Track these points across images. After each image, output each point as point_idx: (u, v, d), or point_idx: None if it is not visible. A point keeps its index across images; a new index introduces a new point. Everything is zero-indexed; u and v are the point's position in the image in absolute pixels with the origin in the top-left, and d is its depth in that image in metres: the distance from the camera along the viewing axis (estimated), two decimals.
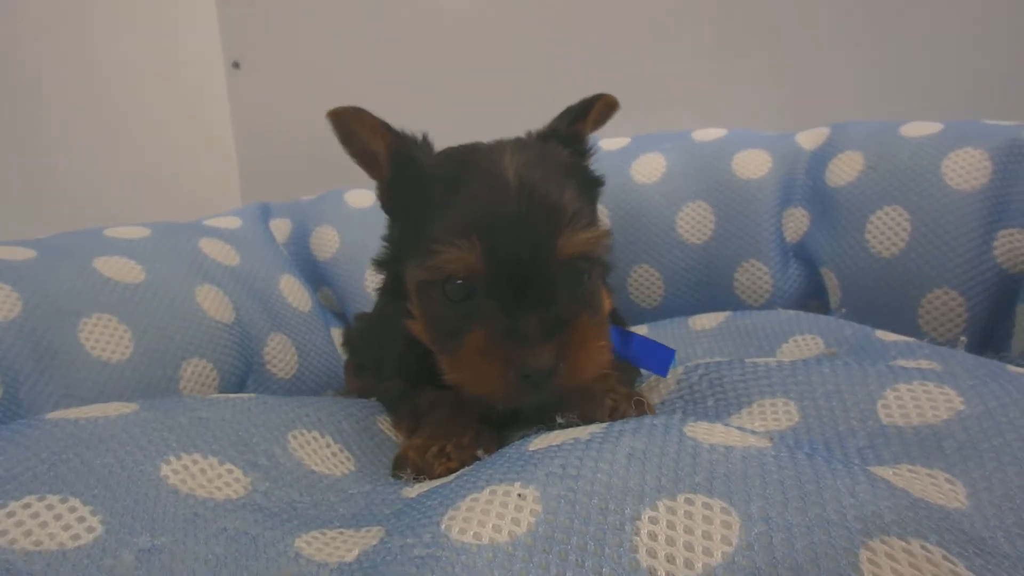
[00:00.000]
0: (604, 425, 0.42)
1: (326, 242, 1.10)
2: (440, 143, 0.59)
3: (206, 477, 0.40)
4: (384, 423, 0.57)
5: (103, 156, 1.32)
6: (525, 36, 1.42)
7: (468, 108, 1.38)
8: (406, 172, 0.55)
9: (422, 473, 0.48)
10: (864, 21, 1.29)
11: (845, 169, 0.92)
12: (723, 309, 0.93)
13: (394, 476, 0.50)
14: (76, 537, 0.33)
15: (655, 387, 0.60)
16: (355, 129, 0.56)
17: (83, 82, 1.29)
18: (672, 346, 0.87)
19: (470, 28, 1.44)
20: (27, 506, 0.34)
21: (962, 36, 1.24)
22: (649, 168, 1.02)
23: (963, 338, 0.77)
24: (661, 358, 0.58)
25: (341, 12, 1.48)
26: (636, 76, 1.37)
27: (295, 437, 0.49)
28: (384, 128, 0.56)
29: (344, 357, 0.94)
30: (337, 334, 1.00)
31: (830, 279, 0.91)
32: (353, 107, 0.55)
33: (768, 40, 1.33)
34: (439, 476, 0.47)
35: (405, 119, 0.58)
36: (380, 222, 1.12)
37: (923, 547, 0.32)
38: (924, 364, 0.58)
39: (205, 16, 1.51)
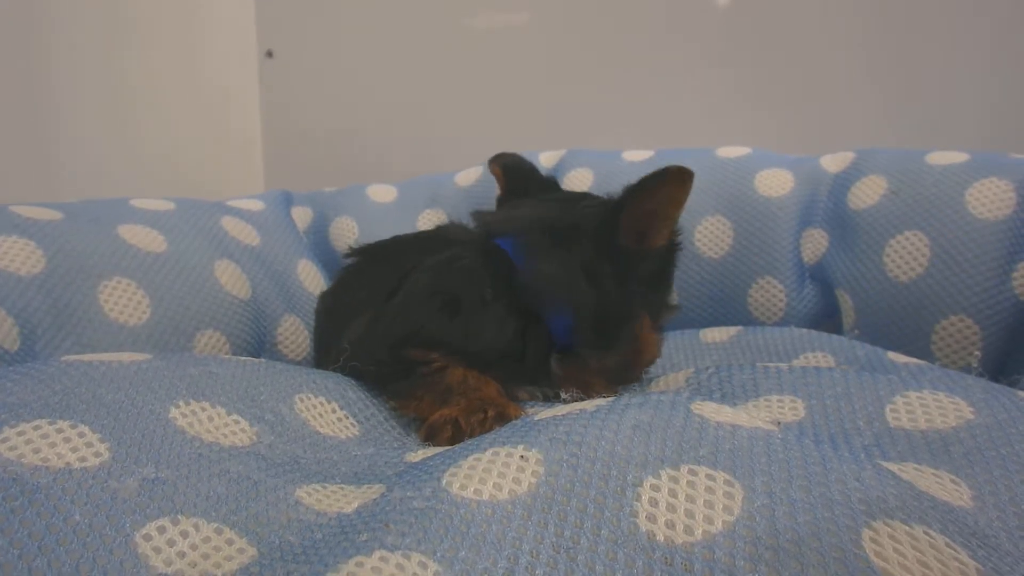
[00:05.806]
0: (611, 399, 0.42)
1: (345, 233, 1.11)
2: (465, 145, 0.59)
3: (213, 424, 0.41)
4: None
5: (127, 139, 1.34)
6: (555, 49, 1.44)
7: (493, 111, 1.39)
8: None
9: (462, 435, 0.49)
10: (888, 52, 1.30)
11: (868, 193, 0.92)
12: (735, 324, 0.93)
13: (428, 441, 0.51)
14: (83, 459, 0.34)
15: (663, 383, 0.60)
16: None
17: (113, 64, 1.31)
18: (682, 357, 0.88)
19: (500, 36, 1.46)
20: (37, 427, 0.35)
21: (986, 69, 1.24)
22: None
23: (977, 353, 0.76)
24: None
25: (376, 7, 1.51)
26: (661, 97, 1.38)
27: (301, 400, 0.49)
28: None
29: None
30: None
31: (845, 301, 0.90)
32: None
33: (789, 70, 1.34)
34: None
35: (433, 117, 0.59)
36: (400, 217, 1.14)
37: (926, 532, 0.31)
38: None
39: (243, 4, 1.54)
